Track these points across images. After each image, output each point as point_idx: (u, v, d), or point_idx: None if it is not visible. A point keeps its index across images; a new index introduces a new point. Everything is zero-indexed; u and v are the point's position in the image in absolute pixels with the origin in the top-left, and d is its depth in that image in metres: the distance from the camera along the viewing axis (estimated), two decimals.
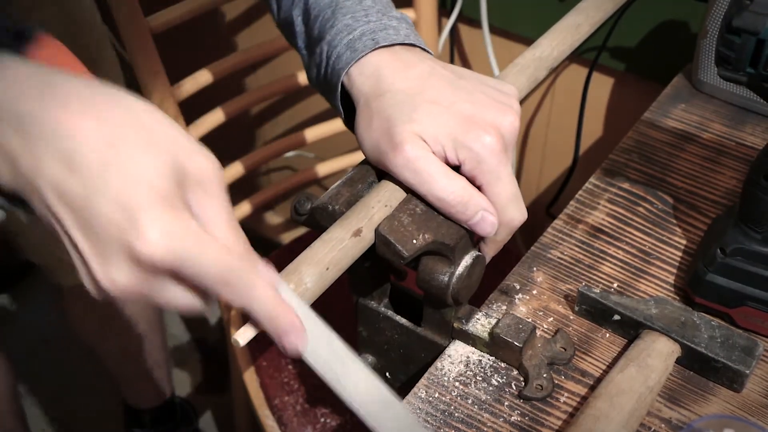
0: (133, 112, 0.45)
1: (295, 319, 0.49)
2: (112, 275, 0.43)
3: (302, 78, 1.19)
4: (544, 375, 0.65)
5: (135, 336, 1.41)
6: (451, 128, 0.59)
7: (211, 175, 0.46)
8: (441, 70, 0.63)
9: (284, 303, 0.49)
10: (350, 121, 0.65)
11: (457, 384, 0.66)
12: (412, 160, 0.58)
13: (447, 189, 0.58)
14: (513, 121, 0.61)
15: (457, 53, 1.35)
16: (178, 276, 0.45)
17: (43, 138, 0.43)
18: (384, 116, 0.60)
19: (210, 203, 0.46)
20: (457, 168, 0.60)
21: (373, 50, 0.63)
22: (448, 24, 1.28)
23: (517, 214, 0.63)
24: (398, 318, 0.68)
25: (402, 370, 0.71)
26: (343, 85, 0.64)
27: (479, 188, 0.60)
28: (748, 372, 0.64)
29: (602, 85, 1.22)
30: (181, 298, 0.46)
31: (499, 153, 0.59)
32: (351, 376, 0.52)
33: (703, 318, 0.67)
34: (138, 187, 0.43)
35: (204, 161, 0.46)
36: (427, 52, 0.66)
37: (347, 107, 0.66)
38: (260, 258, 0.48)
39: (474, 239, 0.62)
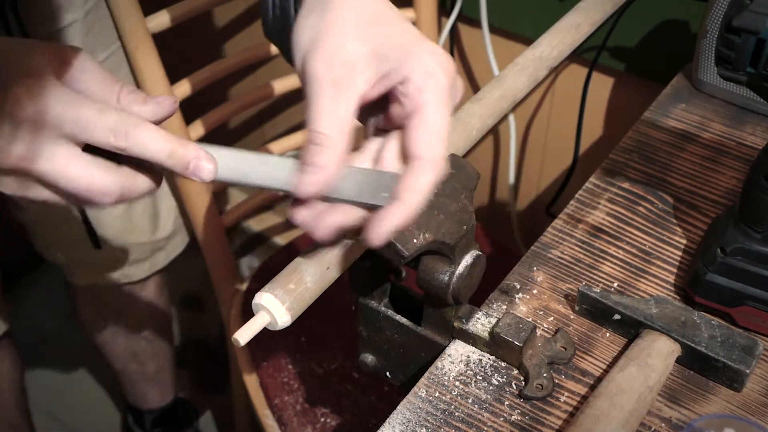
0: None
1: (195, 148, 0.50)
2: None
3: None
4: (545, 374, 0.65)
5: (143, 338, 1.41)
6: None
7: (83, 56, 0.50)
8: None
9: (179, 140, 0.50)
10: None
11: (457, 383, 0.66)
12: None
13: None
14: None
15: (456, 53, 1.35)
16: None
17: None
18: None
19: (84, 76, 0.50)
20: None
21: None
22: (448, 24, 1.28)
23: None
24: (398, 317, 0.68)
25: (402, 370, 0.71)
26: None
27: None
28: (748, 371, 0.64)
29: (602, 85, 1.22)
30: (78, 165, 0.48)
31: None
32: (270, 166, 0.52)
33: (703, 317, 0.67)
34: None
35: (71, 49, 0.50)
36: None
37: None
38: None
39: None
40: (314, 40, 0.52)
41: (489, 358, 0.67)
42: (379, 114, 0.55)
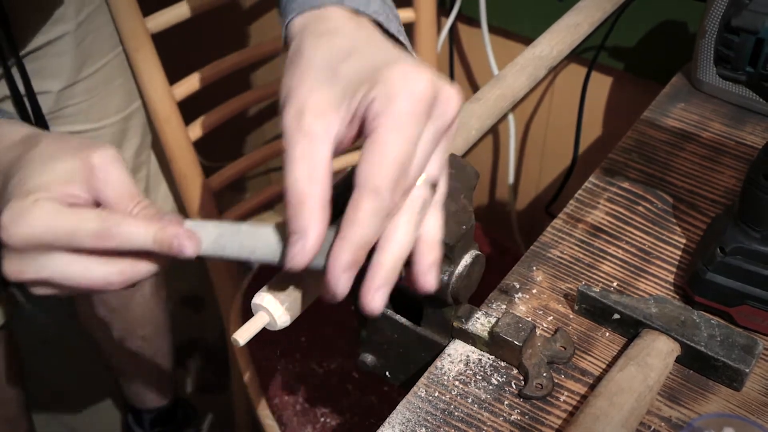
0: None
1: (177, 228, 0.51)
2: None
3: None
4: (544, 374, 0.65)
5: (141, 338, 1.41)
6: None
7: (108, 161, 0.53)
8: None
9: (160, 223, 0.52)
10: None
11: (456, 383, 0.66)
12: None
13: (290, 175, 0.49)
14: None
15: (456, 53, 1.36)
16: (55, 248, 0.51)
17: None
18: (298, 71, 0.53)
19: (108, 192, 0.53)
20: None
21: (335, 5, 0.57)
22: (447, 23, 1.28)
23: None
24: (398, 317, 0.68)
25: (402, 370, 0.71)
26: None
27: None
28: (747, 371, 0.64)
29: (601, 85, 1.22)
30: (75, 267, 0.51)
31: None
32: (255, 239, 0.53)
33: (702, 317, 0.67)
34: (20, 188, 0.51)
35: (103, 152, 0.53)
36: (400, 42, 0.59)
37: None
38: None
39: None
40: (287, 97, 0.51)
41: (488, 358, 0.67)
42: None
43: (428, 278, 0.52)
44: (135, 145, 1.14)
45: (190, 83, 1.10)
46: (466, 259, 0.61)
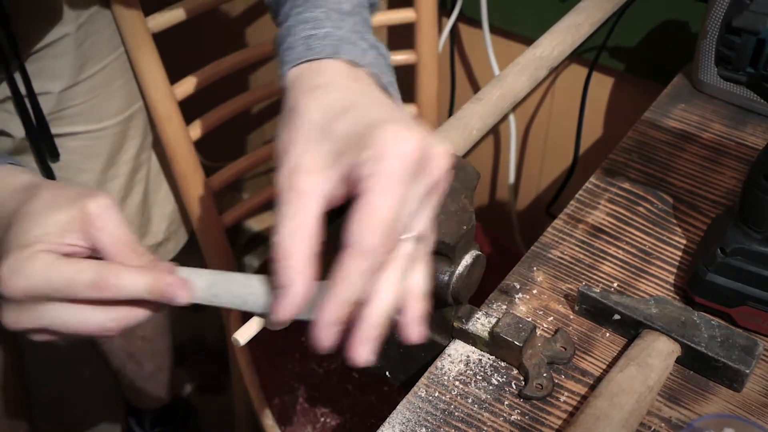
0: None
1: (170, 277, 0.53)
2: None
3: None
4: (544, 374, 0.65)
5: (140, 338, 1.41)
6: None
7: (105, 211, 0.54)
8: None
9: (155, 273, 0.53)
10: None
11: (457, 383, 0.66)
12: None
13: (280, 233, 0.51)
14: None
15: (457, 53, 1.36)
16: (53, 299, 0.52)
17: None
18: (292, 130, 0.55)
19: (104, 240, 0.54)
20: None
21: (330, 58, 0.58)
22: (448, 24, 1.28)
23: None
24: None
25: (402, 370, 0.71)
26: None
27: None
28: (747, 371, 0.64)
29: (602, 85, 1.22)
30: (72, 316, 0.53)
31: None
32: (246, 289, 0.54)
33: (703, 317, 0.67)
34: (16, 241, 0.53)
35: (99, 200, 0.54)
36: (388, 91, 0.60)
37: None
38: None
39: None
40: (281, 155, 0.53)
41: (489, 358, 0.67)
42: None
43: (414, 330, 0.53)
44: (136, 146, 1.14)
45: (191, 83, 1.10)
46: (467, 260, 0.61)
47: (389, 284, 0.51)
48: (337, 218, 0.54)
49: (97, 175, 1.10)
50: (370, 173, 0.49)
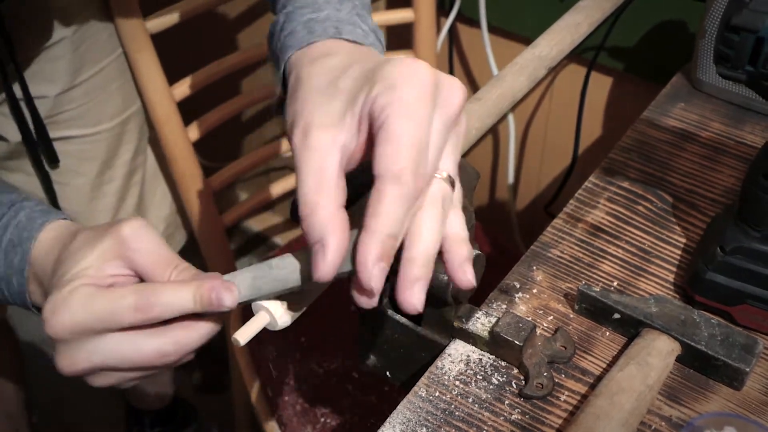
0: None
1: (212, 281, 0.52)
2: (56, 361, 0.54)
3: None
4: (545, 373, 0.65)
5: None
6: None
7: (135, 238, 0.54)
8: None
9: (197, 282, 0.52)
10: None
11: (457, 383, 0.66)
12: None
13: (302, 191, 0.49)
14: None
15: (456, 53, 1.36)
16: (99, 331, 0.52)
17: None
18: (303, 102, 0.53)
19: (142, 261, 0.54)
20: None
21: (332, 38, 0.57)
22: (447, 23, 1.28)
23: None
24: (398, 317, 0.68)
25: (402, 370, 0.71)
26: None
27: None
28: (748, 370, 0.64)
29: (601, 85, 1.22)
30: (124, 346, 0.52)
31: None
32: (284, 270, 0.53)
33: (703, 316, 0.67)
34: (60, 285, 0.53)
35: (132, 223, 0.54)
36: None
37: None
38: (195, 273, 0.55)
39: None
40: (293, 121, 0.51)
41: (489, 358, 0.67)
42: None
43: (465, 273, 0.50)
44: (131, 149, 1.14)
45: (190, 83, 1.10)
46: None
47: (428, 224, 0.48)
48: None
49: (93, 179, 1.09)
50: (387, 102, 0.47)
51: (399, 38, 1.31)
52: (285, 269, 0.52)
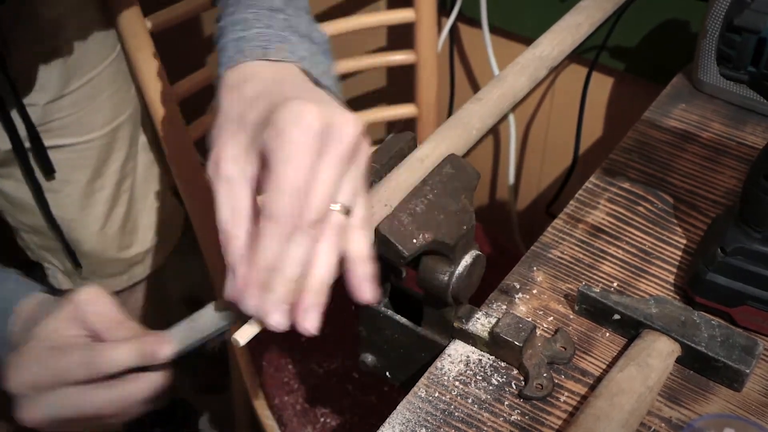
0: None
1: (150, 338, 0.58)
2: None
3: None
4: (544, 374, 0.65)
5: None
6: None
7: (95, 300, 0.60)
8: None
9: (138, 340, 0.58)
10: None
11: (457, 383, 0.66)
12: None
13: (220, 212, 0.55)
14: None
15: (456, 53, 1.36)
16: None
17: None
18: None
19: (94, 321, 0.59)
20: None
21: (259, 59, 0.61)
22: (448, 23, 1.28)
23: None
24: (398, 317, 0.68)
25: (402, 370, 0.71)
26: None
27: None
28: (748, 371, 0.64)
29: (602, 85, 1.22)
30: (77, 397, 0.57)
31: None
32: (197, 323, 0.60)
33: (703, 317, 0.67)
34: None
35: (87, 289, 0.60)
36: (319, 84, 0.62)
37: None
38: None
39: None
40: (210, 145, 0.56)
41: (489, 358, 0.67)
42: None
43: (363, 290, 0.55)
44: (122, 157, 1.14)
45: (190, 83, 1.10)
46: (467, 260, 0.61)
47: (323, 254, 0.53)
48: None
49: (84, 187, 1.09)
50: (273, 147, 0.52)
51: (400, 38, 1.31)
52: (200, 320, 0.59)
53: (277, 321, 0.52)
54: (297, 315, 0.52)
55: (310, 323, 0.52)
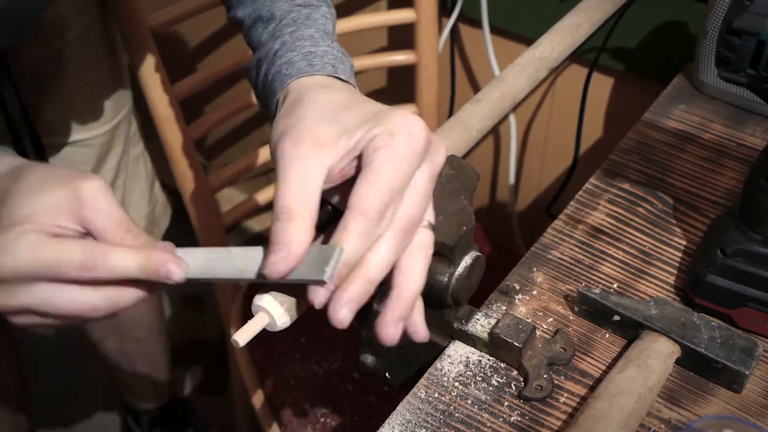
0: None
1: (162, 255, 0.52)
2: None
3: None
4: (544, 375, 0.65)
5: (133, 339, 1.41)
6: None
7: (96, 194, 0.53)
8: None
9: (147, 250, 0.52)
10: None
11: (456, 384, 0.66)
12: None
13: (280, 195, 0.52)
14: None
15: (457, 53, 1.36)
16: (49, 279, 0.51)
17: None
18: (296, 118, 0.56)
19: (97, 221, 0.53)
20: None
21: (330, 76, 0.61)
22: (449, 24, 1.28)
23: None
24: None
25: (402, 371, 0.71)
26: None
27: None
28: (747, 373, 0.64)
29: (602, 86, 1.22)
30: (59, 297, 0.51)
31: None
32: (240, 260, 0.54)
33: (703, 319, 0.67)
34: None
35: (93, 182, 0.53)
36: None
37: None
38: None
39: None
40: (285, 130, 0.54)
41: (488, 359, 0.67)
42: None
43: (418, 330, 0.56)
44: (118, 155, 1.14)
45: (191, 83, 1.10)
46: (466, 260, 0.61)
47: (417, 268, 0.52)
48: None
49: None
50: (381, 145, 0.51)
51: (400, 38, 1.31)
52: (244, 260, 0.54)
53: (342, 318, 0.50)
54: (387, 324, 0.52)
55: (395, 335, 0.52)
